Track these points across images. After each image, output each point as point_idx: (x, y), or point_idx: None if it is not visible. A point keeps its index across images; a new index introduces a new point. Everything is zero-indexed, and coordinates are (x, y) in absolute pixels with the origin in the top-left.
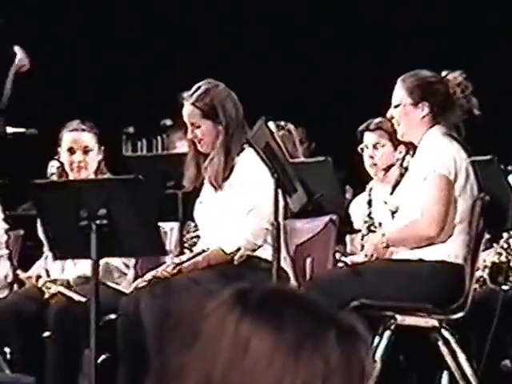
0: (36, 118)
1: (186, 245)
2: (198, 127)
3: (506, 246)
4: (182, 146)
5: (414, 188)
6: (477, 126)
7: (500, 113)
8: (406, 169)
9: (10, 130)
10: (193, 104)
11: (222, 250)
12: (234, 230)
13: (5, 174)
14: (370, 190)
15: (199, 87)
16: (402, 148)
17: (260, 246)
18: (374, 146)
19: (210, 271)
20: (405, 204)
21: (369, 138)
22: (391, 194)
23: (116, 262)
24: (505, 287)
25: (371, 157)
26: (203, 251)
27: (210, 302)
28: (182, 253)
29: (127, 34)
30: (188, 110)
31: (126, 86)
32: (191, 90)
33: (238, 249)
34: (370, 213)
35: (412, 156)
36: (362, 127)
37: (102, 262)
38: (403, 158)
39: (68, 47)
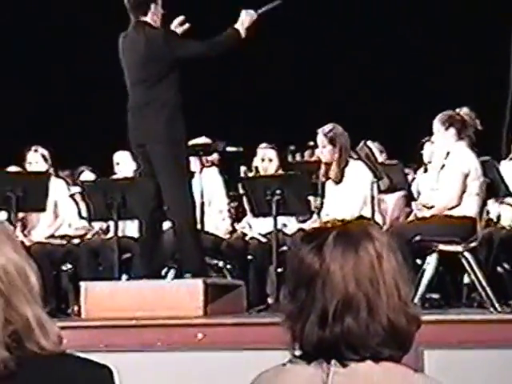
0: (239, 141)
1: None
2: (324, 147)
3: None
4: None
5: (445, 178)
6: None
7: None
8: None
9: (228, 148)
10: (324, 134)
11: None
12: (345, 206)
13: (226, 173)
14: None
15: (328, 126)
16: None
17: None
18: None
19: None
20: (441, 187)
21: (427, 147)
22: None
23: (283, 218)
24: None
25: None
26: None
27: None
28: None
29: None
30: (321, 138)
31: (296, 119)
32: (324, 127)
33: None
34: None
35: (446, 158)
36: (424, 140)
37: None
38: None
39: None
